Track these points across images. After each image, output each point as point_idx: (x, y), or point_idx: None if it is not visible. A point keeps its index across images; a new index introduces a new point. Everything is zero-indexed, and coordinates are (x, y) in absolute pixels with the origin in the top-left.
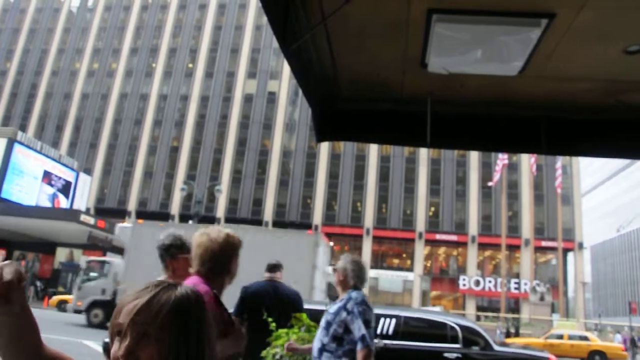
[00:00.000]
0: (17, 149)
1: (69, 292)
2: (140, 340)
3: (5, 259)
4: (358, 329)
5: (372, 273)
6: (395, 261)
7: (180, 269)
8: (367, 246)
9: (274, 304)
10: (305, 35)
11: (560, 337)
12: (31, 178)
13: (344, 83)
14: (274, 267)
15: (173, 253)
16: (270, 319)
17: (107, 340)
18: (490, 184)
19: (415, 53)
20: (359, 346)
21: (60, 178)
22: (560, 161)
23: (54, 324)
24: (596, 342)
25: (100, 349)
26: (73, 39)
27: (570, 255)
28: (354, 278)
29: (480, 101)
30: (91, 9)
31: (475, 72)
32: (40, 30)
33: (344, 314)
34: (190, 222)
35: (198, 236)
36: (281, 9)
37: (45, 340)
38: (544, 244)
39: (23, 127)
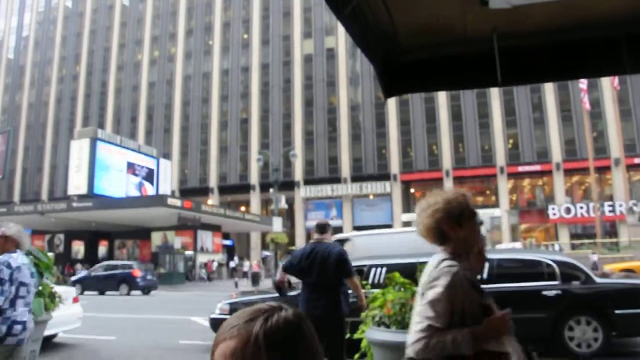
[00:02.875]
0: (100, 146)
1: (169, 272)
2: None
3: (108, 250)
4: None
5: None
6: (479, 199)
7: None
8: (449, 188)
9: (313, 264)
10: None
11: None
12: (117, 171)
13: (404, 36)
14: (321, 229)
15: None
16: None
17: (213, 315)
18: (587, 107)
19: None
20: None
21: (143, 167)
22: None
23: (164, 304)
24: None
25: (207, 324)
26: (131, 32)
27: None
28: (11, 242)
29: (550, 29)
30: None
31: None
32: (99, 30)
33: None
34: (271, 190)
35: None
36: None
37: (154, 320)
38: (637, 160)
39: (101, 124)
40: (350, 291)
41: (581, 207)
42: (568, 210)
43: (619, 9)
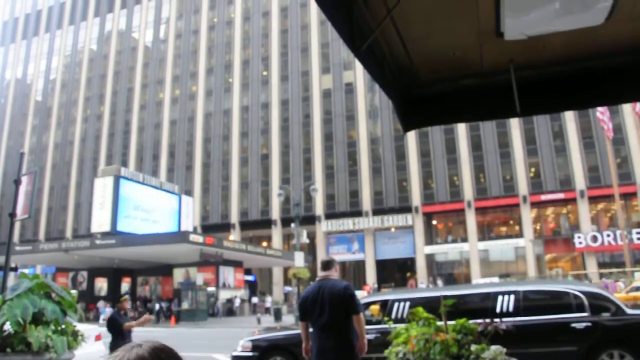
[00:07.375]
0: (123, 183)
1: (191, 308)
2: None
3: (131, 286)
4: None
5: (480, 245)
6: (503, 229)
7: None
8: (471, 219)
9: (318, 304)
10: (373, 32)
11: None
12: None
13: (421, 69)
14: (325, 265)
15: None
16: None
17: (235, 353)
18: (609, 134)
19: (489, 24)
20: None
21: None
22: None
23: (187, 340)
24: None
25: None
26: (153, 72)
27: None
28: None
29: (567, 58)
30: (164, 40)
31: (557, 29)
32: (123, 71)
33: None
34: (293, 224)
35: None
36: (345, 13)
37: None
38: None
39: (124, 163)
40: (368, 326)
41: (608, 235)
42: (594, 239)
43: (634, 35)
